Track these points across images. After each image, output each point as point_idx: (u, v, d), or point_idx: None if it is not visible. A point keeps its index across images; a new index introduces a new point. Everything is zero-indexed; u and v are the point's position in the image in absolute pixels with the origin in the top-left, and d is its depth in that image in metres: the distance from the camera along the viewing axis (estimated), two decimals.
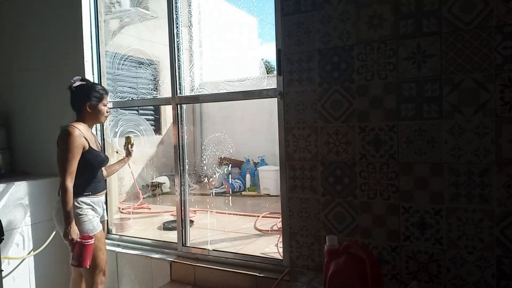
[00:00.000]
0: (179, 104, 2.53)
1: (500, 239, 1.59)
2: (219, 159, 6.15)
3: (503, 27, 1.54)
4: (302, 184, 1.99)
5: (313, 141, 1.96)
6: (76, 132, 2.00)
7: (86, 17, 2.74)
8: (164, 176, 5.66)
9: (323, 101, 1.92)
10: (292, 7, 1.97)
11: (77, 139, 1.99)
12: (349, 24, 1.83)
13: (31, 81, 2.96)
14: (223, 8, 6.82)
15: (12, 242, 2.52)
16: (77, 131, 2.01)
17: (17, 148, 3.07)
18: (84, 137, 2.04)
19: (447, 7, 1.63)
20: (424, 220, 1.73)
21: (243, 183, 5.78)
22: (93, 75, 2.79)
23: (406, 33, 1.72)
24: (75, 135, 1.99)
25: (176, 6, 2.51)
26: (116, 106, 2.90)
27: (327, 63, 1.90)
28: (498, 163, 1.58)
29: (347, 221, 1.89)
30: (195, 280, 2.35)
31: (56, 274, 2.79)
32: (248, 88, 5.40)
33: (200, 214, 4.45)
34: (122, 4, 4.06)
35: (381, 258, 1.82)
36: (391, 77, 1.76)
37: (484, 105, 1.59)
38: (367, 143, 1.83)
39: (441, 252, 1.70)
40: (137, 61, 4.85)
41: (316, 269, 1.97)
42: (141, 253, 2.59)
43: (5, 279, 2.46)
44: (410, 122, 1.73)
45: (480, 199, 1.62)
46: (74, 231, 1.95)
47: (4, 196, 2.50)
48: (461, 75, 1.62)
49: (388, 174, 1.79)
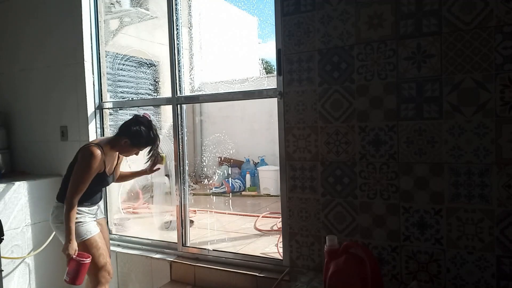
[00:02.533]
0: (179, 104, 2.53)
1: (500, 239, 1.59)
2: (219, 159, 6.15)
3: (503, 27, 1.54)
4: (302, 184, 1.99)
5: (313, 141, 1.96)
6: (100, 155, 1.99)
7: (86, 17, 2.74)
8: (164, 176, 5.65)
9: (323, 101, 1.92)
10: (292, 7, 1.97)
11: (99, 163, 1.99)
12: (349, 24, 1.83)
13: (31, 81, 2.96)
14: (223, 8, 6.83)
15: (12, 242, 2.52)
16: (100, 155, 2.00)
17: (17, 148, 3.07)
18: (104, 161, 2.05)
19: (447, 7, 1.63)
20: (424, 220, 1.73)
21: (243, 183, 5.78)
22: (93, 75, 2.79)
23: (406, 33, 1.72)
24: (98, 158, 1.98)
25: (176, 6, 2.51)
26: (116, 106, 2.90)
27: (327, 63, 1.90)
28: (498, 163, 1.58)
29: (347, 221, 1.89)
30: (195, 280, 2.35)
31: (56, 274, 2.79)
32: (248, 88, 5.39)
33: (200, 214, 4.45)
34: (122, 4, 4.06)
35: (381, 258, 1.82)
36: (391, 77, 1.76)
37: (484, 105, 1.59)
38: (367, 143, 1.83)
39: (441, 252, 1.70)
40: (137, 61, 4.85)
41: (316, 269, 1.97)
42: (141, 253, 2.59)
43: (5, 279, 2.46)
44: (410, 122, 1.73)
45: (480, 199, 1.62)
46: (72, 248, 1.96)
47: (4, 196, 2.50)
48: (461, 75, 1.62)
49: (388, 174, 1.79)
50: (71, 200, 1.96)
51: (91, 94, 2.77)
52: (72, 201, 1.96)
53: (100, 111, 2.83)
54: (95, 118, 2.80)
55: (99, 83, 2.83)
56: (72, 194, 1.96)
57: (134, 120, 2.09)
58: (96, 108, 2.81)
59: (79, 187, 1.97)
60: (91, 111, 2.77)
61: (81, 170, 1.98)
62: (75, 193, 1.96)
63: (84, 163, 1.97)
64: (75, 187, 1.97)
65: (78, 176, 1.98)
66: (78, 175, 1.98)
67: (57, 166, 2.88)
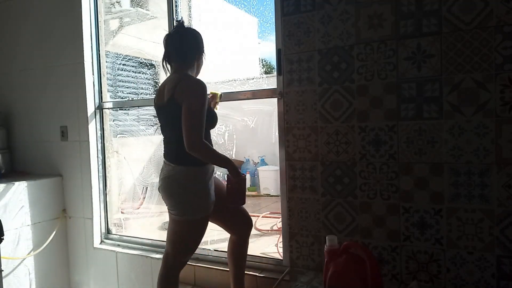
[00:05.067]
0: None
1: (500, 239, 1.59)
2: None
3: (503, 27, 1.54)
4: (302, 184, 1.99)
5: (313, 141, 1.96)
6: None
7: (86, 17, 2.74)
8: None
9: (323, 101, 1.92)
10: (292, 7, 1.97)
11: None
12: (349, 24, 1.83)
13: (31, 81, 2.96)
14: (222, 8, 6.82)
15: (12, 242, 2.52)
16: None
17: (17, 148, 3.07)
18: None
19: (447, 7, 1.63)
20: (424, 220, 1.73)
21: None
22: (93, 75, 2.79)
23: (406, 33, 1.72)
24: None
25: (176, 7, 2.51)
26: (116, 106, 2.90)
27: (327, 63, 1.90)
28: (498, 163, 1.58)
29: (347, 221, 1.89)
30: (195, 280, 2.35)
31: (56, 274, 2.79)
32: (248, 88, 5.40)
33: None
34: (122, 4, 4.06)
35: (381, 258, 1.82)
36: (391, 77, 1.76)
37: (484, 105, 1.59)
38: (367, 143, 1.83)
39: (441, 252, 1.70)
40: (137, 61, 4.85)
41: (316, 269, 1.97)
42: (141, 253, 2.59)
43: (5, 279, 2.46)
44: (410, 122, 1.73)
45: (480, 199, 1.62)
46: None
47: (4, 196, 2.50)
48: (461, 75, 1.62)
49: (388, 174, 1.79)
50: (202, 141, 1.61)
51: (91, 94, 2.78)
52: (203, 142, 1.62)
53: (100, 111, 2.83)
54: (95, 118, 2.80)
55: (99, 83, 2.83)
56: (199, 134, 1.61)
57: (187, 34, 1.77)
58: (96, 108, 2.81)
59: (201, 125, 1.62)
60: (91, 111, 2.77)
61: (196, 103, 1.63)
62: (201, 132, 1.62)
63: (197, 94, 1.65)
64: (197, 125, 1.61)
65: (196, 110, 1.62)
66: (195, 109, 1.62)
67: (57, 166, 2.88)
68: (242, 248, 1.99)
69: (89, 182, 2.76)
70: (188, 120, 1.61)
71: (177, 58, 1.78)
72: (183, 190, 1.72)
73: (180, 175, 1.72)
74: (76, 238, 2.84)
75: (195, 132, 1.61)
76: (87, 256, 2.81)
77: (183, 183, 1.71)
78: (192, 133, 1.61)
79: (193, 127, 1.61)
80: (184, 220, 1.74)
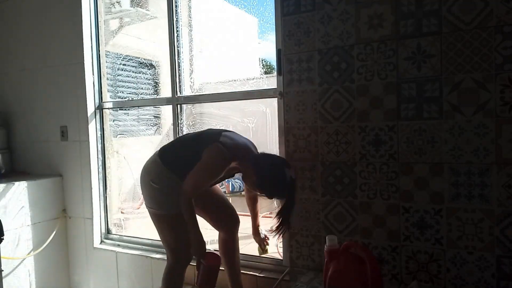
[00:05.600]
0: (179, 104, 2.53)
1: (500, 239, 1.59)
2: None
3: (503, 27, 1.54)
4: (302, 184, 1.99)
5: (313, 141, 1.96)
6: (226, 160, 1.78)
7: (86, 17, 2.74)
8: None
9: (323, 101, 1.92)
10: (292, 7, 1.97)
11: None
12: (349, 24, 1.83)
13: (31, 81, 2.96)
14: (222, 8, 6.82)
15: (12, 242, 2.52)
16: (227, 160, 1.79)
17: (17, 148, 3.07)
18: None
19: (447, 7, 1.63)
20: (424, 220, 1.72)
21: (243, 183, 5.75)
22: (93, 75, 2.79)
23: (406, 33, 1.72)
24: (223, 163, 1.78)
25: (176, 8, 2.51)
26: (116, 106, 2.90)
27: (327, 63, 1.90)
28: (498, 163, 1.58)
29: (347, 221, 1.89)
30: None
31: (56, 274, 2.79)
32: (248, 88, 5.39)
33: None
34: (122, 4, 4.06)
35: (381, 258, 1.82)
36: (391, 77, 1.76)
37: (484, 105, 1.59)
38: (367, 143, 1.83)
39: (441, 252, 1.70)
40: (137, 61, 4.85)
41: (316, 269, 1.97)
42: (141, 253, 2.59)
43: (5, 279, 2.46)
44: (410, 122, 1.73)
45: (480, 199, 1.62)
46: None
47: (4, 196, 2.50)
48: (461, 75, 1.62)
49: (388, 174, 1.79)
50: (194, 194, 1.71)
51: (91, 94, 2.78)
52: (194, 196, 1.71)
53: (100, 111, 2.83)
54: (95, 118, 2.80)
55: (99, 83, 2.83)
56: (196, 183, 1.71)
57: (279, 167, 1.74)
58: (96, 108, 2.81)
59: (205, 180, 1.74)
60: (91, 111, 2.77)
61: (211, 164, 1.74)
62: (199, 185, 1.73)
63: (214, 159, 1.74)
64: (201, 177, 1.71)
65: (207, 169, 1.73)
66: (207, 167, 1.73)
67: (57, 166, 2.88)
68: (232, 245, 2.03)
69: (89, 182, 2.76)
70: (201, 170, 1.73)
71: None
72: (150, 185, 1.81)
73: (156, 171, 1.82)
74: (76, 238, 2.84)
75: (198, 183, 1.73)
76: (87, 256, 2.81)
77: (153, 178, 1.81)
78: (196, 181, 1.72)
79: (200, 178, 1.73)
80: (158, 214, 1.85)
